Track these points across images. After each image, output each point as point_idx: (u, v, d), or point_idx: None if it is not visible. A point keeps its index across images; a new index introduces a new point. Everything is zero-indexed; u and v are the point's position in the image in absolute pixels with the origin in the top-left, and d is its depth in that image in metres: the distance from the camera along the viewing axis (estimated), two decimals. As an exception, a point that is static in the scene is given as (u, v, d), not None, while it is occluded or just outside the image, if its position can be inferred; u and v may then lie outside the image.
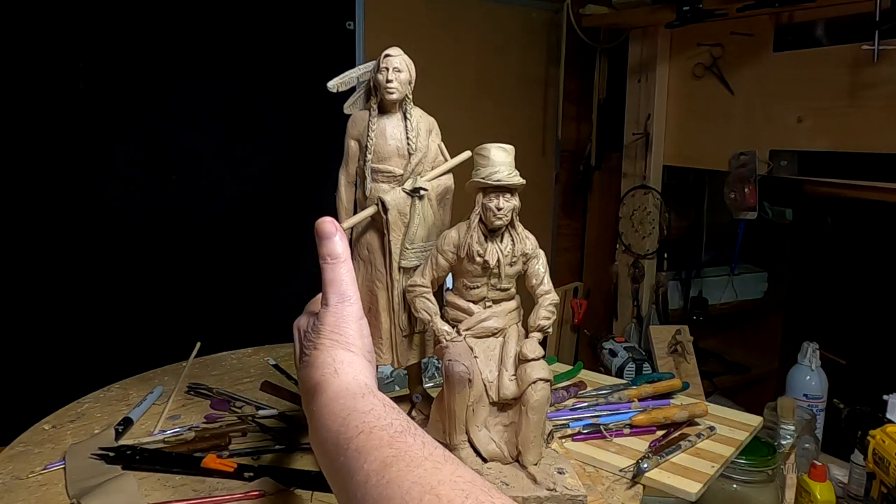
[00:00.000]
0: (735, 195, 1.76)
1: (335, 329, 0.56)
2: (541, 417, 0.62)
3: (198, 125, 1.65)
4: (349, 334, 0.56)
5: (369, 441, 0.45)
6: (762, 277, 2.36)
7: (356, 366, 0.55)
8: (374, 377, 0.56)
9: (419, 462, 0.42)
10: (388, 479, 0.41)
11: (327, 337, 0.56)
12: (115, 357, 1.37)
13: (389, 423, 0.47)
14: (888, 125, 1.45)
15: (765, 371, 2.36)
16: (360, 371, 0.55)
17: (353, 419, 0.48)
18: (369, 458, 0.43)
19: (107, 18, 1.49)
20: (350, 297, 0.58)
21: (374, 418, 0.47)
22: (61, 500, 0.68)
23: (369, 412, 0.48)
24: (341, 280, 0.58)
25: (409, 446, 0.44)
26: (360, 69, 0.68)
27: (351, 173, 0.69)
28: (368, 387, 0.53)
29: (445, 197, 0.70)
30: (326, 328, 0.56)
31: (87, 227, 1.54)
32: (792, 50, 1.66)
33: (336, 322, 0.57)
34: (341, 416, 0.49)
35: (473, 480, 0.41)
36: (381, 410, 0.49)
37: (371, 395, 0.51)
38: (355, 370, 0.54)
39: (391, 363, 0.69)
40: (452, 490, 0.39)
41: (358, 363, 0.55)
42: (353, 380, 0.53)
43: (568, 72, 2.29)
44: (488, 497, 0.39)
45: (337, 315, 0.57)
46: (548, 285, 0.66)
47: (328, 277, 0.58)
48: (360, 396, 0.51)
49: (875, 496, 0.98)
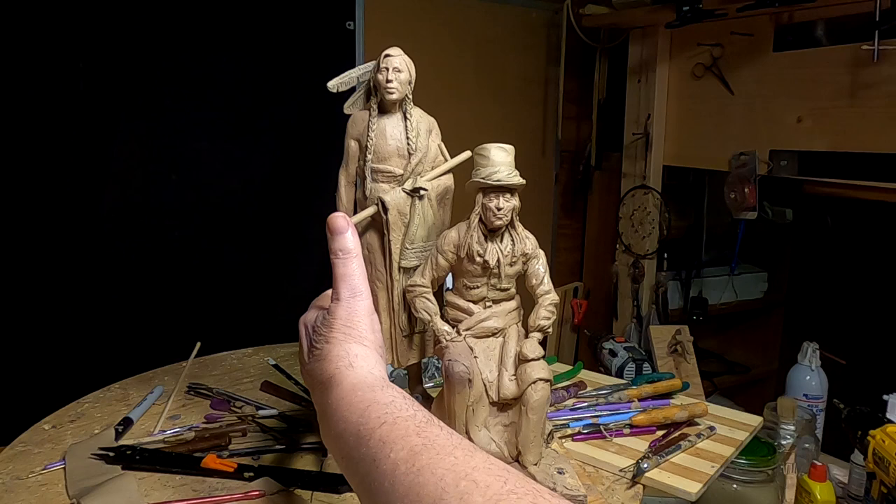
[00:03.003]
0: (735, 195, 1.76)
1: (347, 323, 0.56)
2: (541, 417, 0.62)
3: (198, 125, 1.65)
4: (362, 328, 0.56)
5: (394, 431, 0.45)
6: (762, 277, 2.36)
7: (370, 359, 0.55)
8: (385, 372, 0.56)
9: (449, 451, 0.41)
10: (419, 467, 0.40)
11: (340, 331, 0.56)
12: (115, 357, 1.37)
13: (412, 413, 0.46)
14: (888, 125, 1.45)
15: (765, 371, 2.36)
16: (374, 365, 0.54)
17: (374, 410, 0.47)
18: (395, 447, 0.43)
19: (107, 18, 1.49)
20: (361, 293, 0.58)
21: (395, 409, 0.47)
22: (61, 500, 0.68)
23: (390, 403, 0.48)
24: (353, 274, 0.58)
25: (436, 436, 0.43)
26: (360, 69, 0.68)
27: (351, 173, 0.69)
28: (385, 380, 0.53)
29: (445, 197, 0.70)
30: (339, 322, 0.56)
31: (87, 227, 1.54)
32: (792, 50, 1.66)
33: (348, 316, 0.56)
34: (360, 408, 0.48)
35: (508, 469, 0.40)
36: (402, 402, 0.48)
37: (389, 388, 0.51)
38: (370, 364, 0.54)
39: (391, 363, 0.69)
40: (489, 476, 0.38)
41: (372, 357, 0.55)
42: (368, 373, 0.53)
43: (568, 72, 2.29)
44: (526, 483, 0.38)
45: (349, 309, 0.57)
46: (548, 285, 0.66)
47: (340, 272, 0.58)
48: (379, 388, 0.50)
49: (875, 496, 0.98)
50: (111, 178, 1.56)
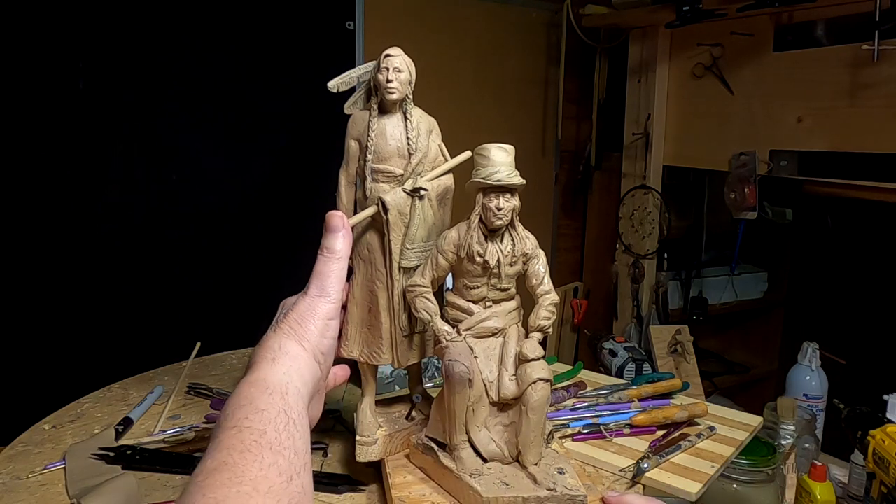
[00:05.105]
0: (735, 195, 1.76)
1: (299, 319, 0.56)
2: (541, 417, 0.62)
3: (198, 125, 1.65)
4: (310, 328, 0.56)
5: (229, 439, 0.44)
6: (762, 277, 2.36)
7: (298, 362, 0.54)
8: (314, 379, 0.55)
9: (239, 483, 0.41)
10: (203, 483, 0.41)
11: (288, 324, 0.56)
12: (115, 357, 1.38)
13: (263, 430, 0.45)
14: (888, 125, 1.45)
15: (765, 371, 2.36)
16: (296, 368, 0.53)
17: (242, 412, 0.47)
18: (214, 455, 0.43)
19: (107, 18, 1.49)
20: (330, 295, 0.58)
21: (256, 420, 0.46)
22: (61, 500, 0.68)
23: (260, 411, 0.47)
24: (329, 275, 0.58)
25: (250, 461, 0.43)
26: (361, 69, 0.68)
27: (351, 173, 0.68)
28: (288, 387, 0.51)
29: (445, 197, 0.70)
30: (293, 315, 0.56)
31: (87, 227, 1.54)
32: (792, 50, 1.66)
33: (304, 312, 0.56)
34: (240, 402, 0.48)
35: None
36: (272, 415, 0.47)
37: (280, 397, 0.49)
38: (291, 366, 0.53)
39: (391, 363, 0.69)
40: None
41: (302, 360, 0.54)
42: (282, 375, 0.52)
43: (568, 72, 2.29)
44: None
45: (309, 307, 0.57)
46: (548, 285, 0.66)
47: (318, 268, 0.59)
48: (269, 394, 0.49)
49: (875, 496, 0.98)
50: (111, 177, 1.56)
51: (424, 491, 0.65)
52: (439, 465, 0.65)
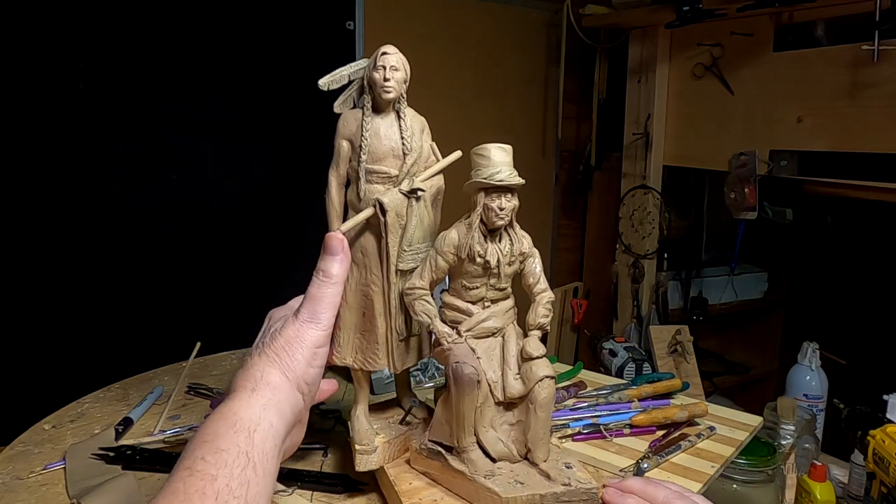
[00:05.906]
0: (735, 195, 1.76)
1: (286, 346, 0.54)
2: (548, 414, 0.62)
3: (198, 125, 1.65)
4: (296, 357, 0.54)
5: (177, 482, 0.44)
6: (762, 277, 2.36)
7: (279, 394, 0.52)
8: (294, 411, 0.54)
9: None
10: None
11: (274, 349, 0.54)
12: (115, 357, 1.38)
13: (214, 476, 0.44)
14: (888, 125, 1.45)
15: (765, 371, 2.36)
16: (275, 402, 0.52)
17: (201, 450, 0.46)
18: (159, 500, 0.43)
19: (107, 18, 1.49)
20: (321, 322, 0.56)
21: (211, 462, 0.45)
22: (61, 500, 0.68)
23: (220, 452, 0.46)
24: (321, 299, 0.57)
25: None
26: (352, 66, 0.66)
27: (342, 174, 0.66)
28: (260, 423, 0.49)
29: (437, 197, 0.69)
30: (280, 340, 0.55)
31: (87, 227, 1.54)
32: (792, 50, 1.66)
33: (292, 338, 0.55)
34: (202, 438, 0.47)
35: None
36: (230, 457, 0.46)
37: (246, 437, 0.48)
38: (270, 399, 0.52)
39: (388, 368, 0.68)
40: None
41: (282, 392, 0.53)
42: (258, 409, 0.50)
43: (568, 72, 2.29)
44: None
45: (297, 333, 0.55)
46: (544, 283, 0.66)
47: (311, 292, 0.57)
48: (235, 432, 0.48)
49: (875, 496, 0.98)
50: (111, 177, 1.56)
51: (435, 496, 0.64)
52: (448, 468, 0.64)
